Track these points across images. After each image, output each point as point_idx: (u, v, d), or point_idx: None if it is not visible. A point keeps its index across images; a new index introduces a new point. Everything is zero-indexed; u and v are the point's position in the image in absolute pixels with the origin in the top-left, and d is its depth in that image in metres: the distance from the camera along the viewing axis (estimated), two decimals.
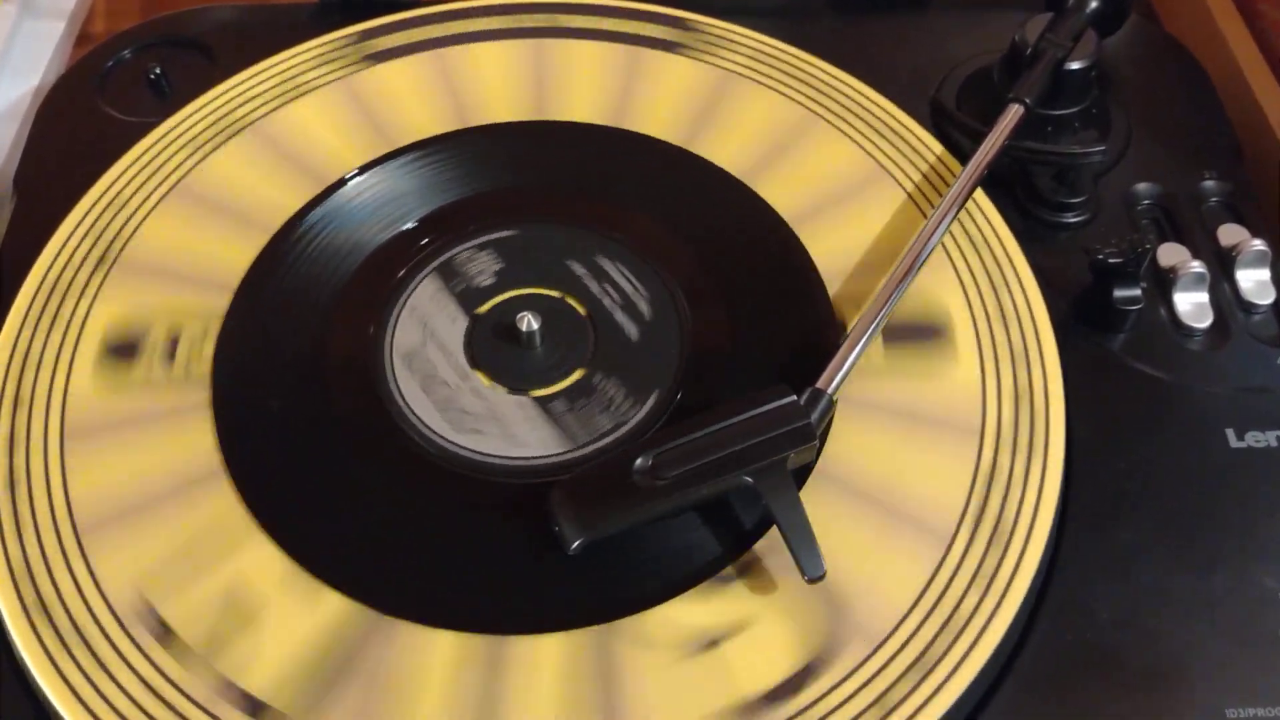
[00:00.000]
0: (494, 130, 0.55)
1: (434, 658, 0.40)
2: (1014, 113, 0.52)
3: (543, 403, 0.46)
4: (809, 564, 0.40)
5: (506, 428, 0.46)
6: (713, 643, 0.40)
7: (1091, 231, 0.53)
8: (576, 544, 0.41)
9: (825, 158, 0.54)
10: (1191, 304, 0.50)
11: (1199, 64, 0.60)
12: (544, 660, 0.40)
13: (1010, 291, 0.50)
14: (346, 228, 0.52)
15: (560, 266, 0.50)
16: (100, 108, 0.58)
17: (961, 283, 0.50)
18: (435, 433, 0.45)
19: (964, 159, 0.53)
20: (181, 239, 0.51)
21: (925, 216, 0.52)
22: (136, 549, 0.42)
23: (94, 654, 0.40)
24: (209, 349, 0.47)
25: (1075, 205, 0.53)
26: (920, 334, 0.48)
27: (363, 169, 0.53)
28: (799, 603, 0.41)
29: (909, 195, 0.53)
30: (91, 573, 0.42)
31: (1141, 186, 0.55)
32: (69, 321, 0.48)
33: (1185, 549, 0.44)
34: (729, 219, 0.52)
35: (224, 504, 0.43)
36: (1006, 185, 0.54)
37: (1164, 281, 0.51)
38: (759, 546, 0.42)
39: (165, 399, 0.46)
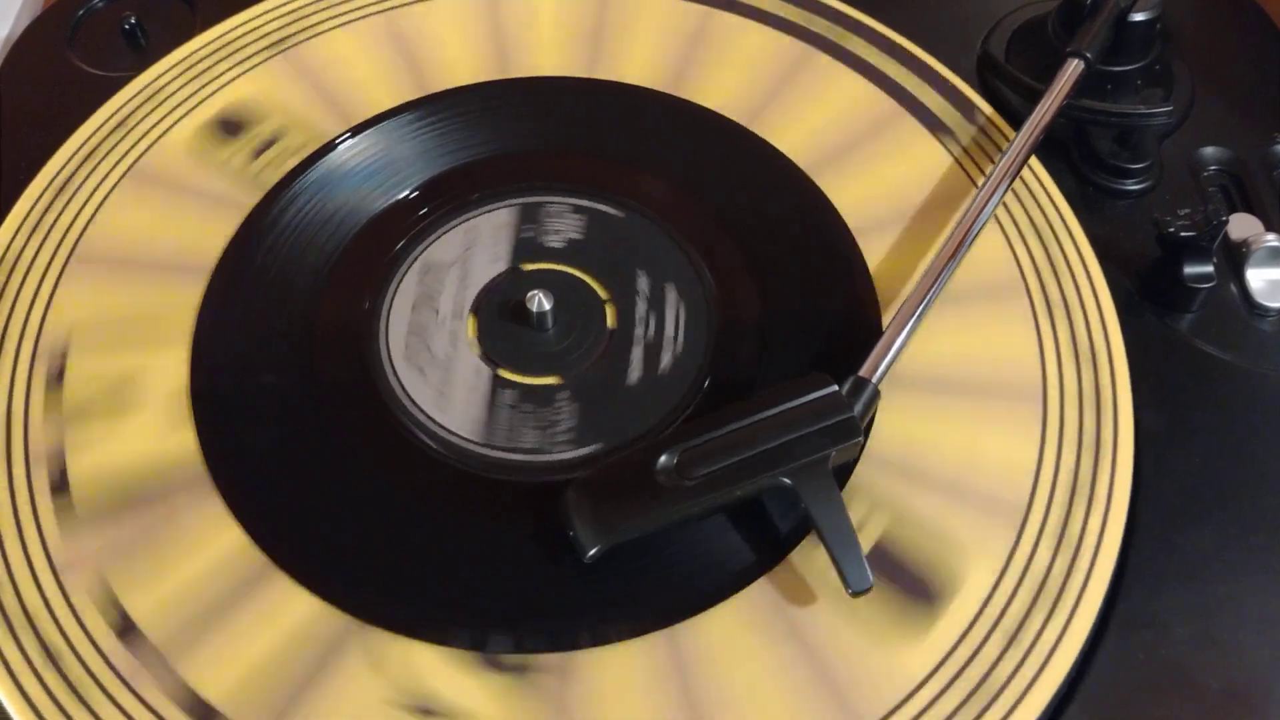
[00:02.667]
0: (469, 91, 0.51)
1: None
2: (1073, 68, 0.47)
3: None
4: (854, 576, 0.36)
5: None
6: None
7: (1154, 199, 0.49)
8: (593, 551, 0.37)
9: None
10: (1265, 281, 0.46)
11: (1268, 17, 0.56)
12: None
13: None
14: (341, 192, 0.47)
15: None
16: (70, 60, 0.54)
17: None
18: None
19: (1011, 117, 0.49)
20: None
21: (972, 180, 0.47)
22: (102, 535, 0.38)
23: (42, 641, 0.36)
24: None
25: (1138, 171, 0.48)
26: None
27: (355, 130, 0.49)
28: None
29: (955, 159, 0.48)
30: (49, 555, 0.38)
31: (1208, 151, 0.50)
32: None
33: (1265, 554, 0.40)
34: (756, 183, 0.48)
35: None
36: (1061, 148, 0.49)
37: (1235, 256, 0.47)
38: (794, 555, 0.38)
39: None
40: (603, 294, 0.45)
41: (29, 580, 0.38)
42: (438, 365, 0.43)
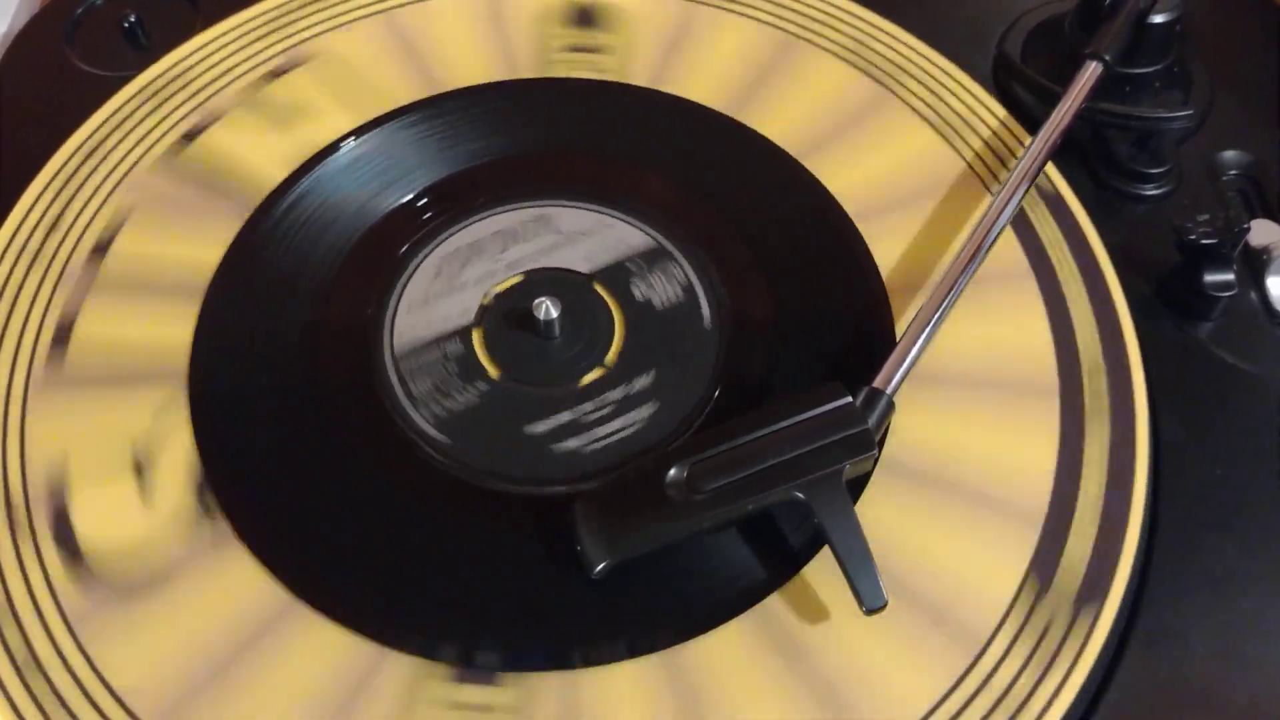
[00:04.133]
0: (476, 92, 0.50)
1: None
2: (1092, 71, 0.46)
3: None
4: (868, 593, 0.35)
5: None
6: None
7: (1172, 204, 0.47)
8: (601, 567, 0.36)
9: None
10: None
11: None
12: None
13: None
14: (338, 197, 0.46)
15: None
16: (69, 60, 0.53)
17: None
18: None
19: (1028, 119, 0.48)
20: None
21: (986, 186, 0.46)
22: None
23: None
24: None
25: (1156, 175, 0.47)
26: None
27: (357, 131, 0.48)
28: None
29: (968, 164, 0.47)
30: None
31: (1227, 155, 0.49)
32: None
33: None
34: (770, 192, 0.47)
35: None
36: (1077, 151, 0.48)
37: (1255, 263, 0.46)
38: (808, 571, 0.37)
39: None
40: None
41: (41, 633, 0.37)
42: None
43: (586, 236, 0.45)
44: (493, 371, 0.42)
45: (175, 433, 0.40)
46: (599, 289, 0.44)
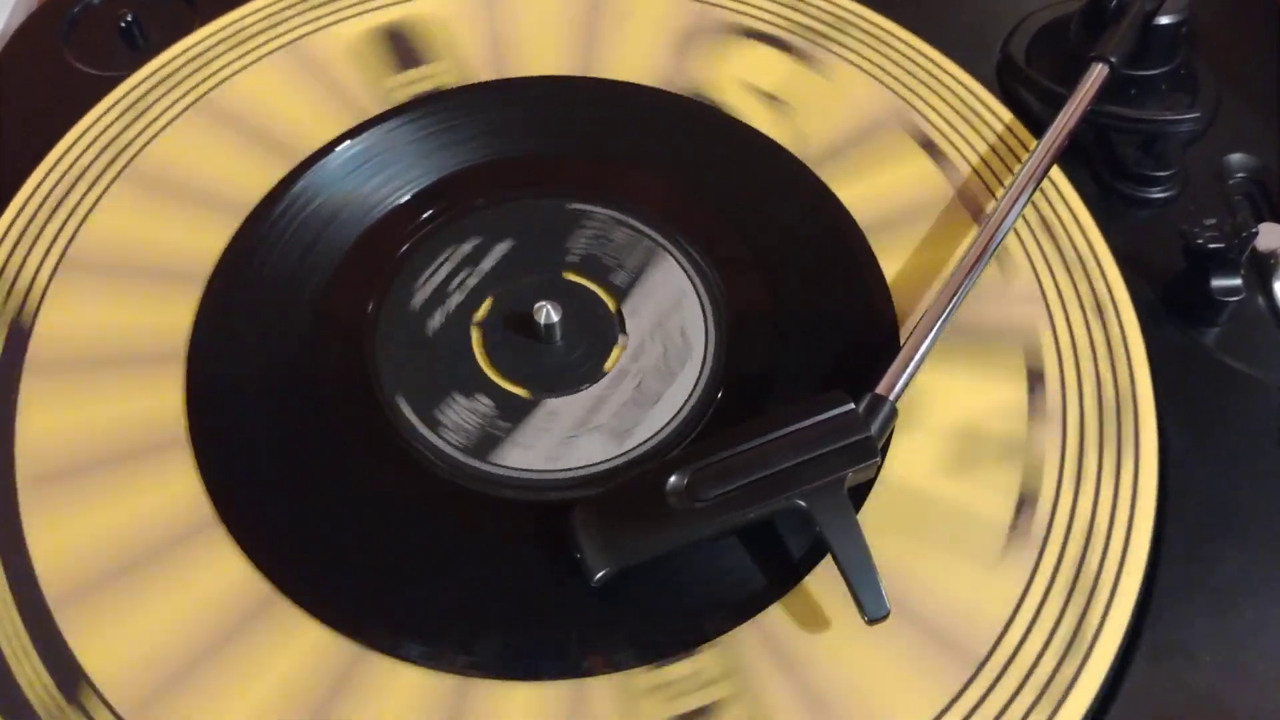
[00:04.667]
0: (478, 89, 0.49)
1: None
2: (1097, 73, 0.46)
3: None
4: (870, 602, 0.35)
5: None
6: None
7: (1178, 208, 0.47)
8: (601, 575, 0.36)
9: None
10: None
11: None
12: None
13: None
14: (335, 196, 0.46)
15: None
16: (65, 59, 0.52)
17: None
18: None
19: (1033, 122, 0.48)
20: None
21: (990, 190, 0.46)
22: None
23: None
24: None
25: (1162, 178, 0.47)
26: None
27: (353, 132, 0.47)
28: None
29: (973, 167, 0.47)
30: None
31: (1234, 158, 0.49)
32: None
33: None
34: (773, 194, 0.46)
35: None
36: (1083, 154, 0.48)
37: (1262, 267, 0.45)
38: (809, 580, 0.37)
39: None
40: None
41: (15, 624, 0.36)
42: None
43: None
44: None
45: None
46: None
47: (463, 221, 0.45)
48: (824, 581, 0.37)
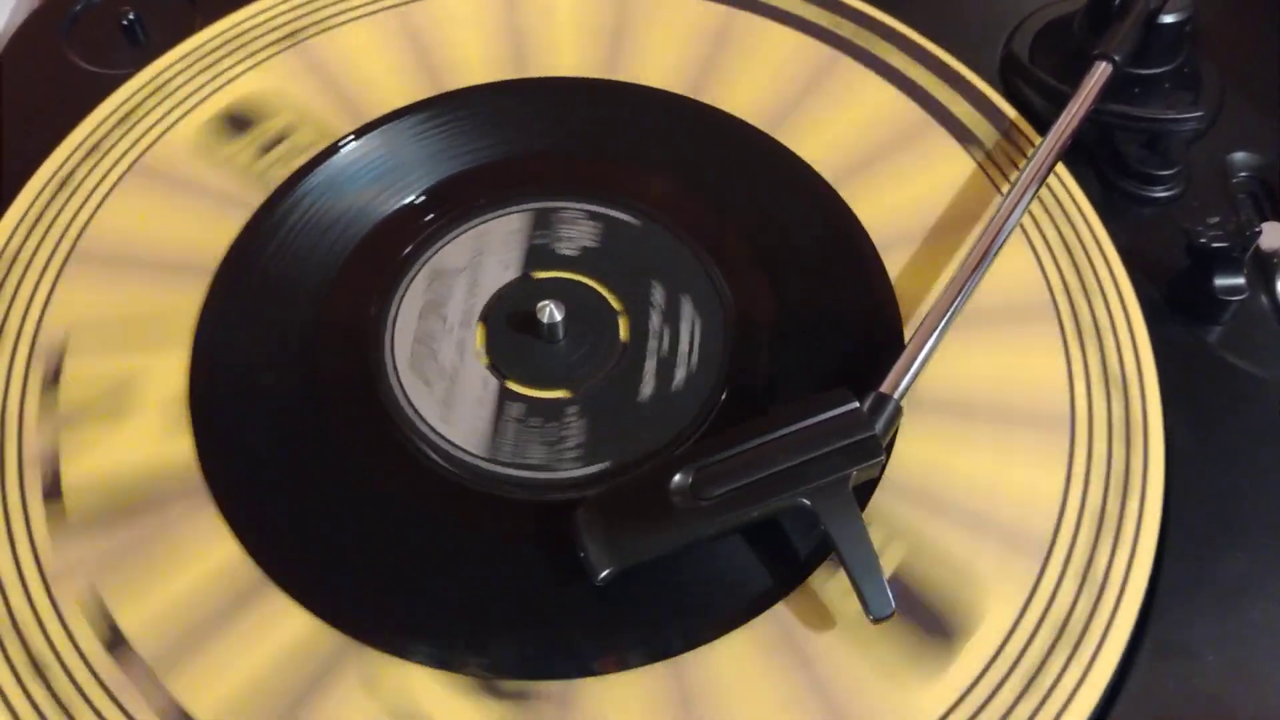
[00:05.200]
0: (479, 91, 0.49)
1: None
2: (1101, 72, 0.46)
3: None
4: (875, 601, 0.35)
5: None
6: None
7: (1181, 207, 0.47)
8: (605, 573, 0.36)
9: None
10: None
11: None
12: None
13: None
14: (347, 195, 0.46)
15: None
16: (67, 57, 0.52)
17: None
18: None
19: (1035, 120, 0.48)
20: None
21: (996, 186, 0.46)
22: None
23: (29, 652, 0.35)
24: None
25: (1166, 177, 0.47)
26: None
27: (363, 130, 0.47)
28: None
29: (977, 165, 0.47)
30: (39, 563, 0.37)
31: (1237, 156, 0.49)
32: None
33: None
34: (777, 192, 0.46)
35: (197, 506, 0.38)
36: (1086, 153, 0.48)
37: (1266, 266, 0.45)
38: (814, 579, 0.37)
39: None
40: (616, 305, 0.43)
41: (18, 589, 0.37)
42: (444, 375, 0.41)
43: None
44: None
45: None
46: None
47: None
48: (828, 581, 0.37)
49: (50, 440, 0.40)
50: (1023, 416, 0.40)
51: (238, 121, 0.48)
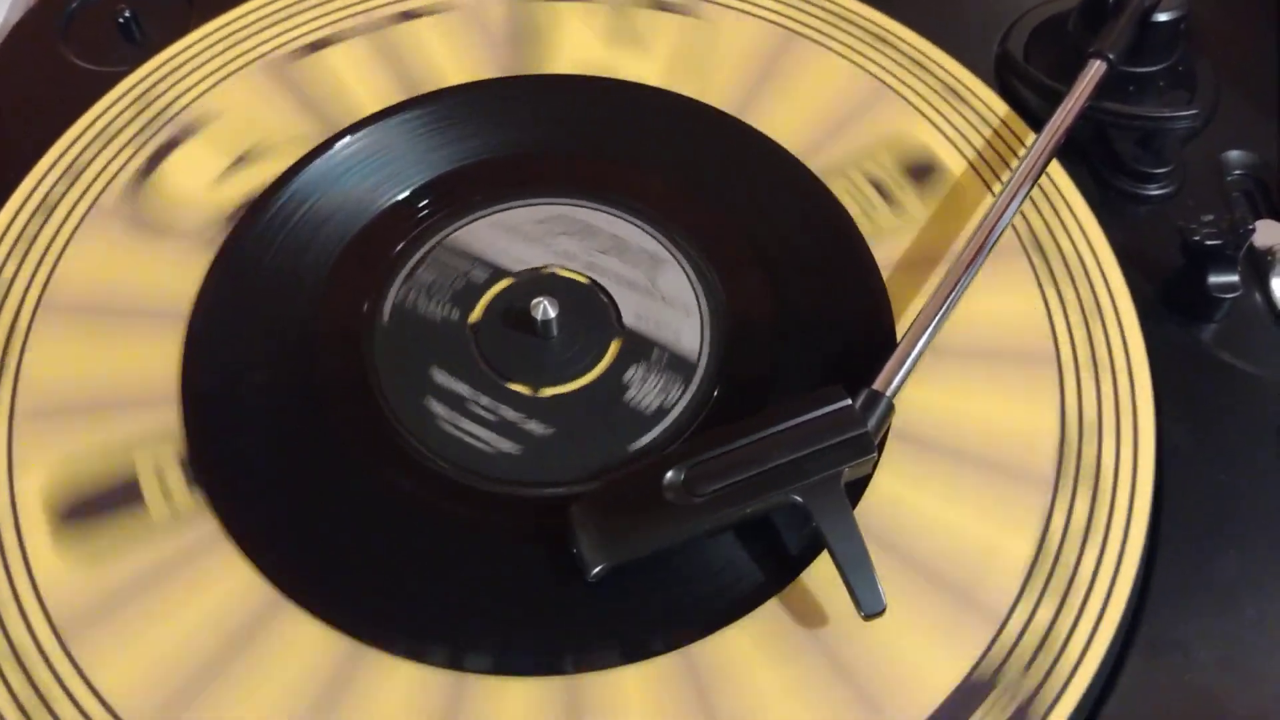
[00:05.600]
0: (474, 88, 0.49)
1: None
2: (1095, 70, 0.46)
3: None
4: (867, 598, 0.35)
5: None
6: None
7: (1176, 205, 0.47)
8: (597, 570, 0.36)
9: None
10: None
11: None
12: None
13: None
14: (332, 194, 0.46)
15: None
16: (63, 55, 0.52)
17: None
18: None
19: (1031, 118, 0.48)
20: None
21: (987, 185, 0.46)
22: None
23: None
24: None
25: (1161, 175, 0.47)
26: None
27: (355, 127, 0.47)
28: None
29: (970, 163, 0.47)
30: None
31: (1232, 154, 0.49)
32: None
33: None
34: (770, 190, 0.46)
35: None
36: (1080, 151, 0.48)
37: (1260, 264, 0.45)
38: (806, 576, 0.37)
39: None
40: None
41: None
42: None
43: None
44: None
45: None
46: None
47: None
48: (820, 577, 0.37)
49: None
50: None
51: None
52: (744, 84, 0.49)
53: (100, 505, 0.38)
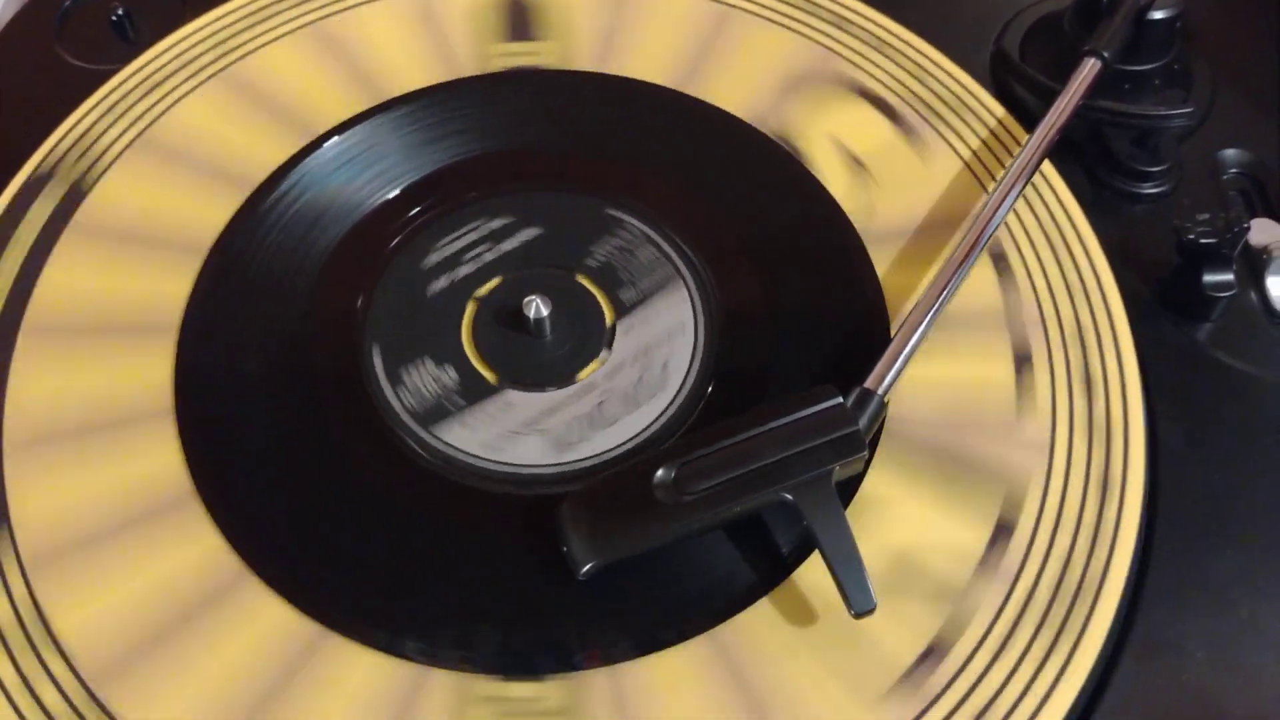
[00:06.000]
0: (483, 81, 0.49)
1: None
2: (1090, 68, 0.46)
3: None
4: (857, 596, 0.35)
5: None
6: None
7: (1171, 204, 0.47)
8: (587, 568, 0.35)
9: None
10: None
11: None
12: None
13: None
14: (325, 191, 0.46)
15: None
16: (57, 53, 0.52)
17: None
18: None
19: (1026, 117, 0.48)
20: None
21: (982, 184, 0.46)
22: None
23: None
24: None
25: (1156, 173, 0.46)
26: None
27: (345, 125, 0.47)
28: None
29: (965, 163, 0.46)
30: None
31: (1228, 153, 0.49)
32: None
33: None
34: (763, 187, 0.46)
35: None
36: (1075, 149, 0.48)
37: (1255, 263, 0.45)
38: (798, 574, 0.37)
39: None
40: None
41: None
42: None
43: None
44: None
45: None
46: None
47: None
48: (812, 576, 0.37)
49: None
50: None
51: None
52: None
53: None
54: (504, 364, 0.42)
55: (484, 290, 0.43)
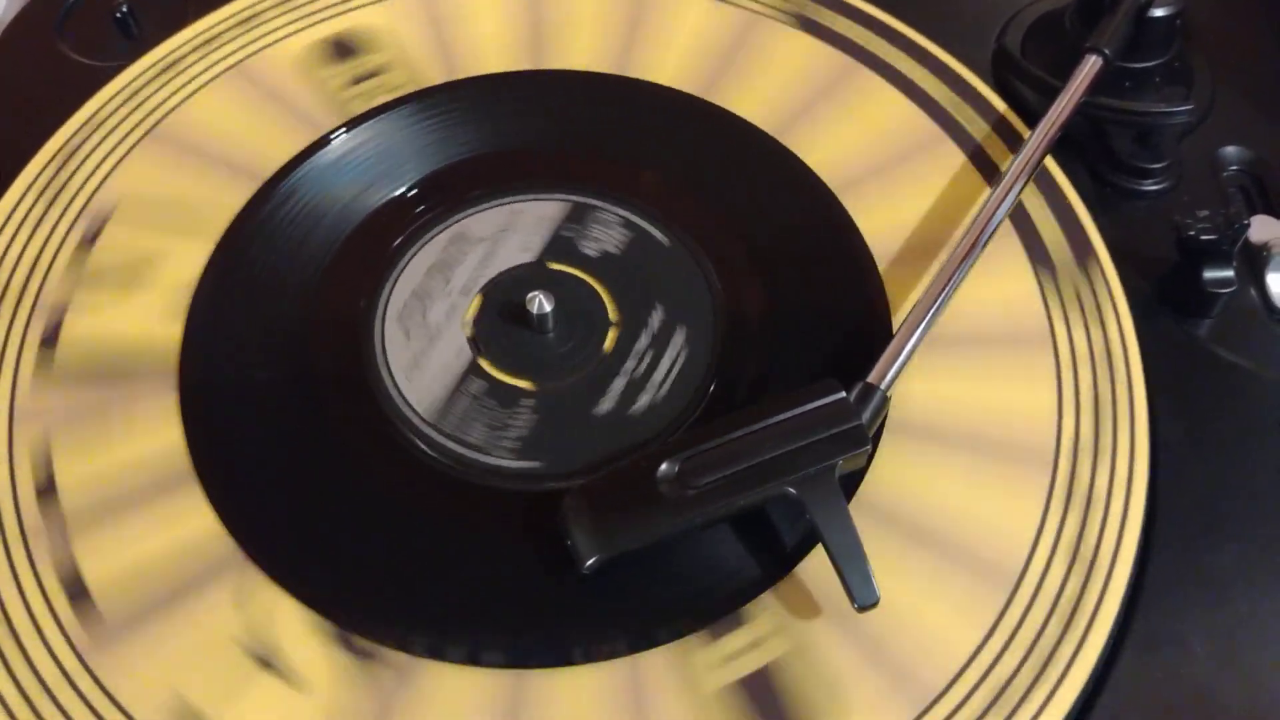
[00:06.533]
0: (491, 81, 0.49)
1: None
2: (1091, 65, 0.46)
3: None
4: (860, 590, 0.35)
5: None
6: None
7: (1172, 201, 0.47)
8: (591, 562, 0.36)
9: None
10: None
11: None
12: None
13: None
14: (330, 189, 0.46)
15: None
16: (60, 50, 0.52)
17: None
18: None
19: (1028, 114, 0.48)
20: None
21: (986, 180, 0.46)
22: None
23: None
24: None
25: (1157, 171, 0.47)
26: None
27: (353, 122, 0.47)
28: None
29: (968, 157, 0.47)
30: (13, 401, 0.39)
31: (1228, 150, 0.49)
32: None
33: None
34: (765, 184, 0.46)
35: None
36: (1076, 147, 0.48)
37: (1255, 260, 0.45)
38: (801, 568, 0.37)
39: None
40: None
41: None
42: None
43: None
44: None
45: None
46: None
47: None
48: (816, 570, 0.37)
49: (66, 295, 0.43)
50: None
51: (343, 49, 0.50)
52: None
53: None
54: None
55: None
